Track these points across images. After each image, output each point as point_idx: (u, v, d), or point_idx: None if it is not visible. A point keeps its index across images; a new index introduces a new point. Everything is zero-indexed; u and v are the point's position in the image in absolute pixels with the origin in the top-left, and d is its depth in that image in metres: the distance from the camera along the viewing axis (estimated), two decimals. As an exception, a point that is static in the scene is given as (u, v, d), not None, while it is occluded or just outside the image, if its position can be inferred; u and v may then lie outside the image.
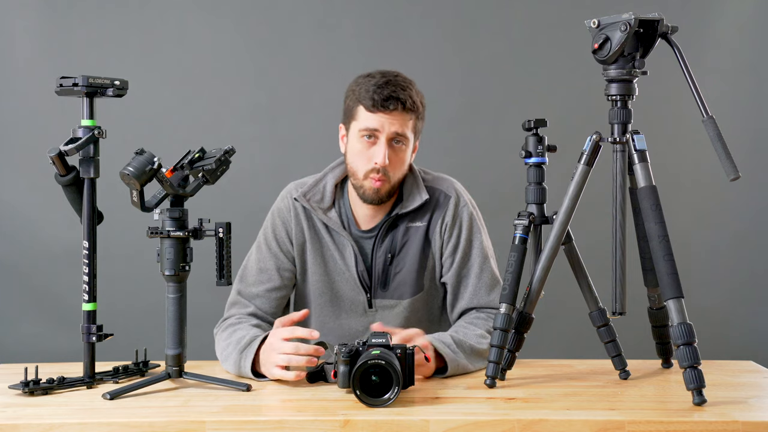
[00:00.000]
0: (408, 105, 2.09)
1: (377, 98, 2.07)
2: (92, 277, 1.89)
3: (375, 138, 2.09)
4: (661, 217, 1.73)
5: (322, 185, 2.21)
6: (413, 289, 2.20)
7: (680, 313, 1.68)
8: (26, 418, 1.62)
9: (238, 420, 1.60)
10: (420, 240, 2.20)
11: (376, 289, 2.20)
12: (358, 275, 2.19)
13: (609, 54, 1.76)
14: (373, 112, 2.08)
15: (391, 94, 2.07)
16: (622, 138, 1.80)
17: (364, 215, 2.21)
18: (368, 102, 2.08)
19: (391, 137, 2.09)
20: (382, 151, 2.08)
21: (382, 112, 2.07)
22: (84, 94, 1.87)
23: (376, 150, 2.09)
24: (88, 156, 1.87)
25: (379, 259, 2.19)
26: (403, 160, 2.13)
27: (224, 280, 1.85)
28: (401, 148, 2.12)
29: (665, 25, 1.76)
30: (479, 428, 1.57)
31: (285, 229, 2.21)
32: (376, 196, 2.12)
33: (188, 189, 1.84)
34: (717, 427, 1.56)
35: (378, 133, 2.09)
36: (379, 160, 2.08)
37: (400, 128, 2.09)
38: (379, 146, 2.09)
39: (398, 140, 2.10)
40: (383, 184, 2.11)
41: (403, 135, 2.10)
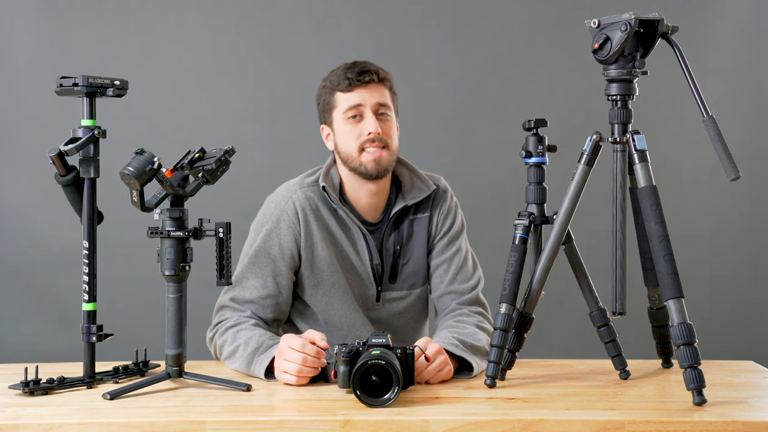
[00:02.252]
0: (381, 75, 2.15)
1: (351, 76, 2.14)
2: (92, 277, 1.89)
3: (360, 115, 2.14)
4: (661, 216, 1.73)
5: (331, 177, 2.21)
6: (423, 279, 2.23)
7: (680, 313, 1.68)
8: (26, 418, 1.62)
9: (238, 420, 1.60)
10: (424, 231, 2.24)
11: (386, 282, 2.22)
12: (373, 269, 2.20)
13: (609, 54, 1.76)
14: (351, 90, 2.14)
15: (363, 69, 2.15)
16: (623, 138, 1.80)
17: (368, 205, 2.21)
18: (344, 84, 2.14)
19: (375, 109, 2.14)
20: (372, 121, 2.13)
21: (359, 87, 2.13)
22: (84, 94, 1.87)
23: (364, 123, 2.13)
24: (88, 156, 1.87)
25: (388, 252, 2.21)
26: (393, 130, 2.17)
27: (224, 280, 1.86)
28: (387, 119, 2.15)
29: (665, 25, 1.76)
30: (479, 428, 1.57)
31: (292, 234, 2.14)
32: (378, 166, 2.13)
33: (188, 189, 1.84)
34: (717, 427, 1.56)
35: (362, 108, 2.13)
36: (372, 129, 2.12)
37: (381, 98, 2.14)
38: (367, 118, 2.13)
39: (382, 111, 2.15)
40: (383, 152, 2.13)
41: (385, 105, 2.15)
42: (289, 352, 1.87)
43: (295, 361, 1.86)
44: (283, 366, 1.87)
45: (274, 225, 2.16)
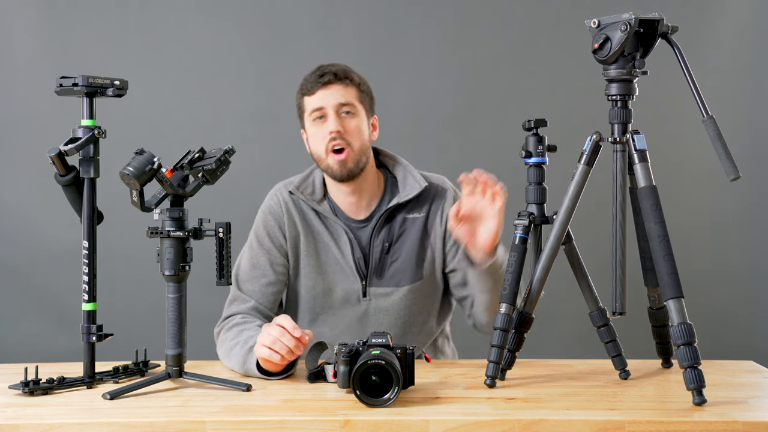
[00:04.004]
0: (340, 75, 2.19)
1: (313, 79, 2.21)
2: (92, 277, 1.89)
3: (324, 116, 2.19)
4: (661, 217, 1.73)
5: (311, 179, 2.29)
6: (412, 277, 2.23)
7: (680, 313, 1.68)
8: (26, 418, 1.62)
9: (238, 420, 1.60)
10: (418, 231, 2.25)
11: (372, 278, 2.23)
12: (355, 262, 2.23)
13: (609, 54, 1.76)
14: (314, 93, 2.19)
15: (322, 71, 2.21)
16: (623, 138, 1.80)
17: (349, 204, 2.26)
18: (307, 87, 2.21)
19: (337, 109, 2.18)
20: (333, 120, 2.17)
21: (321, 89, 2.18)
22: (84, 94, 1.87)
23: (326, 123, 2.18)
24: (88, 156, 1.87)
25: (377, 248, 2.22)
26: (359, 128, 2.19)
27: (224, 280, 1.86)
28: (352, 117, 2.19)
29: (665, 25, 1.76)
30: (479, 428, 1.57)
31: (277, 225, 2.25)
32: (343, 168, 2.18)
33: (188, 189, 1.84)
34: (717, 427, 1.56)
35: (324, 109, 2.18)
36: (332, 127, 2.16)
37: (343, 98, 2.18)
38: (329, 118, 2.18)
39: (346, 110, 2.18)
40: (346, 153, 2.17)
41: (348, 103, 2.19)
42: (270, 327, 1.90)
43: (273, 333, 1.88)
44: (261, 339, 1.89)
45: (263, 218, 2.28)
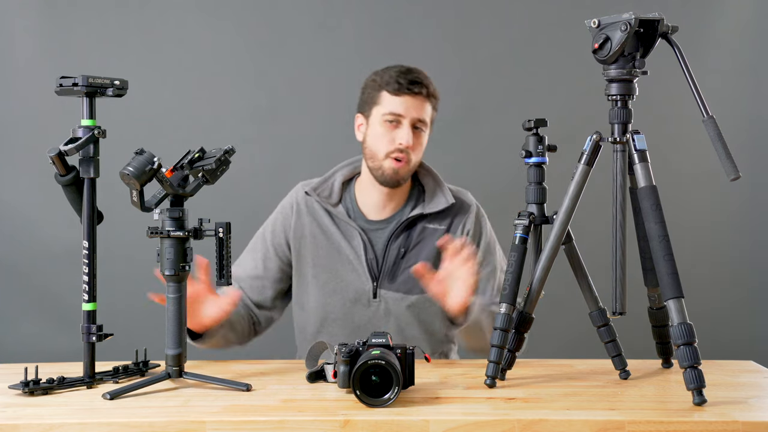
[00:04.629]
0: (431, 90, 2.22)
1: (403, 82, 2.18)
2: (92, 277, 1.89)
3: (398, 122, 2.19)
4: (661, 217, 1.73)
5: (331, 182, 2.31)
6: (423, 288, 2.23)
7: (680, 313, 1.68)
8: (26, 418, 1.62)
9: (238, 420, 1.60)
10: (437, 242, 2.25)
11: (383, 280, 2.25)
12: (367, 263, 2.25)
13: (609, 54, 1.76)
14: (398, 95, 2.19)
15: (415, 79, 2.20)
16: (623, 138, 1.80)
17: (373, 204, 2.28)
18: (394, 86, 2.19)
19: (413, 122, 2.20)
20: (407, 133, 2.19)
21: (407, 95, 2.18)
22: (84, 94, 1.87)
23: (399, 132, 2.20)
24: (88, 156, 1.87)
25: (392, 252, 2.24)
26: (422, 145, 2.25)
27: (224, 280, 1.85)
28: (421, 134, 2.23)
29: (665, 24, 1.76)
30: (479, 428, 1.57)
31: (283, 224, 2.30)
32: (395, 176, 2.21)
33: (188, 189, 1.84)
34: (717, 427, 1.56)
35: (402, 118, 2.19)
36: (404, 141, 2.19)
37: (422, 114, 2.21)
38: (403, 129, 2.19)
39: (418, 126, 2.22)
40: (404, 165, 2.21)
41: (423, 121, 2.22)
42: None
43: None
44: None
45: (275, 215, 2.34)
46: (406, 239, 2.26)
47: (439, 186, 2.32)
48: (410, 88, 2.18)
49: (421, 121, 2.21)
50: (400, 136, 2.19)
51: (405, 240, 2.26)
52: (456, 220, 2.30)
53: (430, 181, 2.33)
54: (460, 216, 2.31)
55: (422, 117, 2.21)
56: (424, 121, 2.22)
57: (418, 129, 2.22)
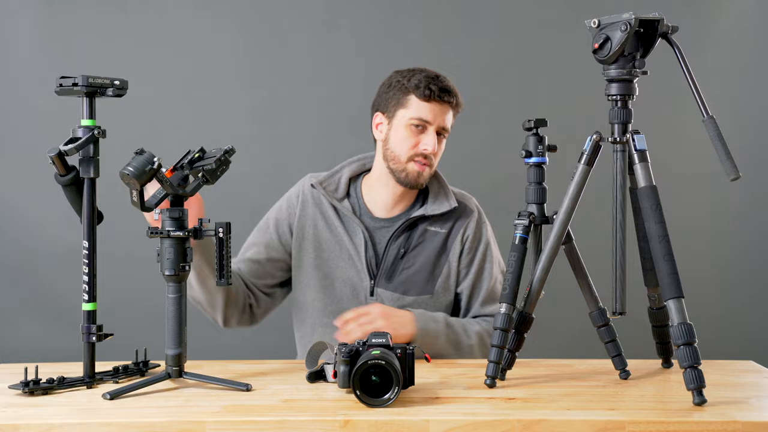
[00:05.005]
0: (459, 100, 2.25)
1: (434, 89, 2.20)
2: (92, 277, 1.89)
3: (424, 128, 2.21)
4: (661, 217, 1.73)
5: (338, 177, 2.32)
6: (421, 289, 2.25)
7: (680, 313, 1.68)
8: (26, 418, 1.62)
9: (238, 420, 1.60)
10: (437, 245, 2.28)
11: (381, 279, 2.25)
12: (367, 260, 2.26)
13: (609, 54, 1.76)
14: (428, 102, 2.20)
15: (446, 87, 2.22)
16: (623, 138, 1.80)
17: (383, 202, 2.30)
18: (424, 92, 2.19)
19: (438, 129, 2.23)
20: (433, 140, 2.21)
21: (436, 103, 2.20)
22: (84, 94, 1.87)
23: (425, 138, 2.21)
24: (88, 156, 1.86)
25: (392, 252, 2.24)
26: (442, 151, 2.29)
27: (224, 280, 1.85)
28: (442, 141, 2.26)
29: (665, 24, 1.76)
30: (479, 428, 1.57)
31: (288, 213, 2.31)
32: (419, 179, 2.24)
33: (188, 189, 1.84)
34: (717, 427, 1.56)
35: (428, 124, 2.21)
36: (430, 148, 2.21)
37: (448, 122, 2.25)
38: (429, 135, 2.21)
39: (441, 133, 2.24)
40: (427, 169, 2.24)
41: (446, 129, 2.26)
42: None
43: None
44: None
45: (280, 203, 2.35)
46: (407, 240, 2.27)
47: (443, 189, 2.33)
48: (441, 96, 2.20)
49: (444, 129, 2.24)
50: (426, 143, 2.21)
51: (405, 240, 2.27)
52: (457, 224, 2.31)
53: (435, 183, 2.33)
54: (462, 220, 2.31)
55: (446, 125, 2.24)
56: (447, 129, 2.25)
57: (441, 135, 2.25)
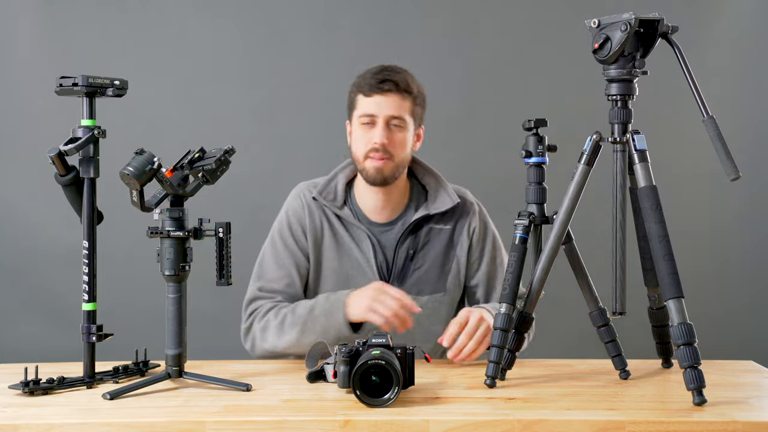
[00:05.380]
0: (402, 86, 2.18)
1: (373, 82, 2.19)
2: (92, 277, 1.89)
3: (373, 122, 2.19)
4: (661, 217, 1.73)
5: (334, 184, 2.30)
6: (433, 287, 2.25)
7: (680, 313, 1.68)
8: (26, 418, 1.62)
9: (238, 420, 1.60)
10: (444, 242, 2.29)
11: (393, 283, 2.24)
12: (377, 266, 2.25)
13: (609, 54, 1.76)
14: (370, 96, 2.19)
15: (385, 77, 2.18)
16: (623, 138, 1.80)
17: (373, 206, 2.28)
18: (365, 88, 2.19)
19: (387, 120, 2.18)
20: (380, 132, 2.18)
21: (378, 94, 2.18)
22: (84, 94, 1.87)
23: (374, 132, 2.18)
24: (88, 156, 1.87)
25: (401, 255, 2.24)
26: (404, 141, 2.21)
27: (224, 280, 1.86)
28: (399, 131, 2.19)
29: (665, 24, 1.76)
30: (479, 428, 1.57)
31: (300, 226, 2.28)
32: (379, 174, 2.20)
33: (188, 189, 1.84)
34: (717, 427, 1.56)
35: (375, 118, 2.18)
36: (377, 139, 2.17)
37: (396, 111, 2.18)
38: (377, 128, 2.18)
39: (396, 123, 2.19)
40: (386, 162, 2.19)
41: (399, 117, 2.19)
42: (387, 297, 2.02)
43: (390, 305, 2.00)
44: (375, 306, 2.01)
45: (286, 219, 2.30)
46: (414, 241, 2.26)
47: (441, 185, 2.31)
48: (380, 86, 2.17)
49: (396, 118, 2.19)
50: (375, 136, 2.18)
51: (413, 242, 2.26)
52: (461, 221, 2.30)
53: (432, 181, 2.32)
54: (465, 216, 2.31)
55: (397, 113, 2.18)
56: (401, 117, 2.19)
57: (397, 126, 2.19)
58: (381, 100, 2.18)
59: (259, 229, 2.45)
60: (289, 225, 2.29)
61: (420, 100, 2.25)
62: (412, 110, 2.22)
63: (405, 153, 2.23)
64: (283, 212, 2.32)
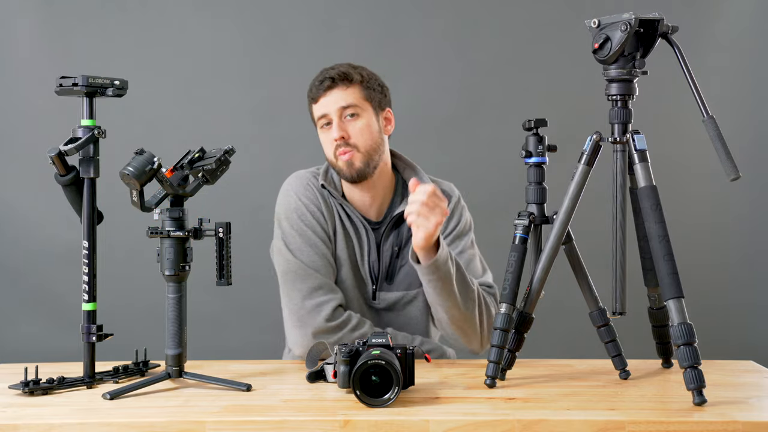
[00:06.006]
0: (339, 77, 2.16)
1: (314, 85, 2.19)
2: (92, 277, 1.89)
3: (329, 122, 2.18)
4: (661, 216, 1.73)
5: (331, 176, 2.26)
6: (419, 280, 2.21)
7: (680, 313, 1.68)
8: (26, 418, 1.62)
9: (238, 420, 1.60)
10: None
11: (382, 282, 2.23)
12: (369, 266, 2.23)
13: (609, 54, 1.76)
14: (317, 101, 2.19)
15: (323, 77, 2.18)
16: (623, 138, 1.80)
17: (363, 204, 2.25)
18: (312, 95, 2.20)
19: (340, 113, 2.17)
20: (336, 126, 2.16)
21: (322, 95, 2.18)
22: (84, 94, 1.87)
23: (331, 130, 2.17)
24: (88, 156, 1.87)
25: (386, 252, 2.23)
26: (364, 128, 2.17)
27: (224, 280, 1.85)
28: (356, 120, 2.17)
29: (665, 24, 1.76)
30: (479, 428, 1.57)
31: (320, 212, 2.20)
32: (351, 169, 2.17)
33: (188, 189, 1.84)
34: (717, 427, 1.56)
35: (328, 116, 2.18)
36: (335, 134, 2.15)
37: (344, 100, 2.16)
38: (333, 126, 2.17)
39: (349, 113, 2.17)
40: (352, 154, 2.16)
41: (349, 105, 2.16)
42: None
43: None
44: None
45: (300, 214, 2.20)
46: (397, 236, 2.25)
47: (417, 175, 2.25)
48: (320, 87, 2.17)
49: (347, 107, 2.16)
50: (332, 133, 2.17)
51: (396, 238, 2.25)
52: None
53: (410, 174, 2.27)
54: None
55: (345, 103, 2.15)
56: (351, 105, 2.16)
57: (352, 115, 2.16)
58: (325, 99, 2.17)
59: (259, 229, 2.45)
60: (314, 215, 2.20)
61: (371, 83, 2.20)
62: (364, 95, 2.18)
63: (371, 140, 2.17)
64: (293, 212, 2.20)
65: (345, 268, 2.22)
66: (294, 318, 2.14)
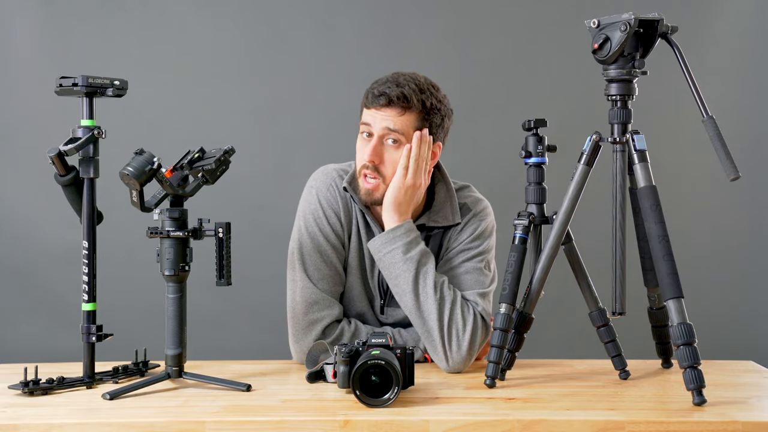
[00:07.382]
0: (399, 99, 1.99)
1: (373, 91, 2.02)
2: (92, 277, 1.89)
3: (370, 135, 2.03)
4: (661, 217, 1.74)
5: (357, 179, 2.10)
6: None
7: (680, 313, 1.68)
8: (26, 418, 1.62)
9: (238, 420, 1.60)
10: (437, 244, 2.13)
11: (391, 299, 2.13)
12: (379, 279, 2.14)
13: (609, 54, 1.76)
14: (368, 108, 2.03)
15: (384, 90, 2.00)
16: (622, 138, 1.80)
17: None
18: (367, 97, 2.03)
19: (382, 134, 2.01)
20: (371, 147, 2.01)
21: (374, 108, 2.01)
22: (84, 94, 1.87)
23: (367, 146, 2.03)
24: (87, 156, 1.87)
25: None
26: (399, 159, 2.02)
27: (224, 280, 1.86)
28: (397, 146, 2.02)
29: (665, 25, 1.76)
30: (479, 428, 1.57)
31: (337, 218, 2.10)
32: (368, 197, 2.05)
33: (188, 189, 1.84)
34: (717, 427, 1.56)
35: (371, 128, 2.02)
36: (366, 156, 2.01)
37: (393, 124, 2.00)
38: (370, 142, 2.02)
39: (393, 138, 2.01)
40: (376, 185, 2.03)
41: (395, 131, 2.00)
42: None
43: None
44: None
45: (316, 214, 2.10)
46: None
47: (449, 199, 2.13)
48: (375, 100, 2.00)
49: (392, 131, 2.00)
50: (366, 151, 2.02)
51: None
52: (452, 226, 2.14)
53: (442, 190, 2.15)
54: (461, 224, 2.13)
55: (393, 127, 1.99)
56: (398, 131, 1.99)
57: (394, 142, 2.01)
58: (376, 113, 2.01)
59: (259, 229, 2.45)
60: (328, 218, 2.09)
61: (431, 114, 2.04)
62: (416, 126, 2.02)
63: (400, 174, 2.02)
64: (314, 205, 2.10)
65: (353, 277, 2.13)
66: (291, 329, 2.07)
